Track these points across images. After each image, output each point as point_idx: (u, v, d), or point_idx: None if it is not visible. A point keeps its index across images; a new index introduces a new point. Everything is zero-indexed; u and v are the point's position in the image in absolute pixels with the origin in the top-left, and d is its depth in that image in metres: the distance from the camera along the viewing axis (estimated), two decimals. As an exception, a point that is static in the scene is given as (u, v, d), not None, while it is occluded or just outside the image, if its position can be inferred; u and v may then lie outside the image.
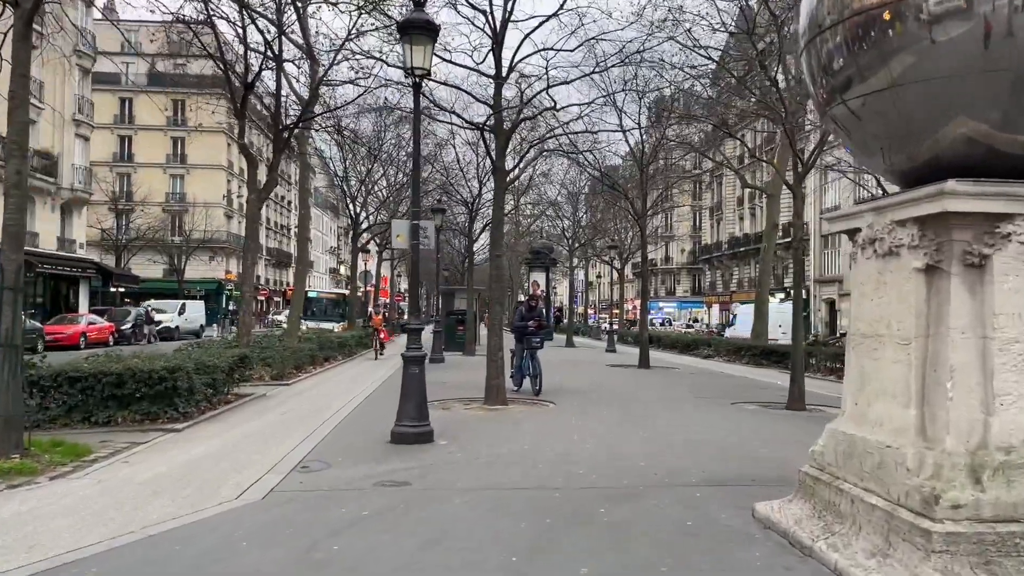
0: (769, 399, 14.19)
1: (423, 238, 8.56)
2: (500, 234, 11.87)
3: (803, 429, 10.06)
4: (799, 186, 12.66)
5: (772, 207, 27.40)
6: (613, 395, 13.80)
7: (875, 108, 4.45)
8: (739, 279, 62.89)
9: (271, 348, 17.98)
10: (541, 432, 9.25)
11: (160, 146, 64.31)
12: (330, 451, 7.92)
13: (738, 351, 26.11)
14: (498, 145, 11.72)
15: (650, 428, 9.72)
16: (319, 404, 12.12)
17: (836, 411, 13.29)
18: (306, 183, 22.10)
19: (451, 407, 11.84)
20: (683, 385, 16.56)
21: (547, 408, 11.83)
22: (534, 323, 13.73)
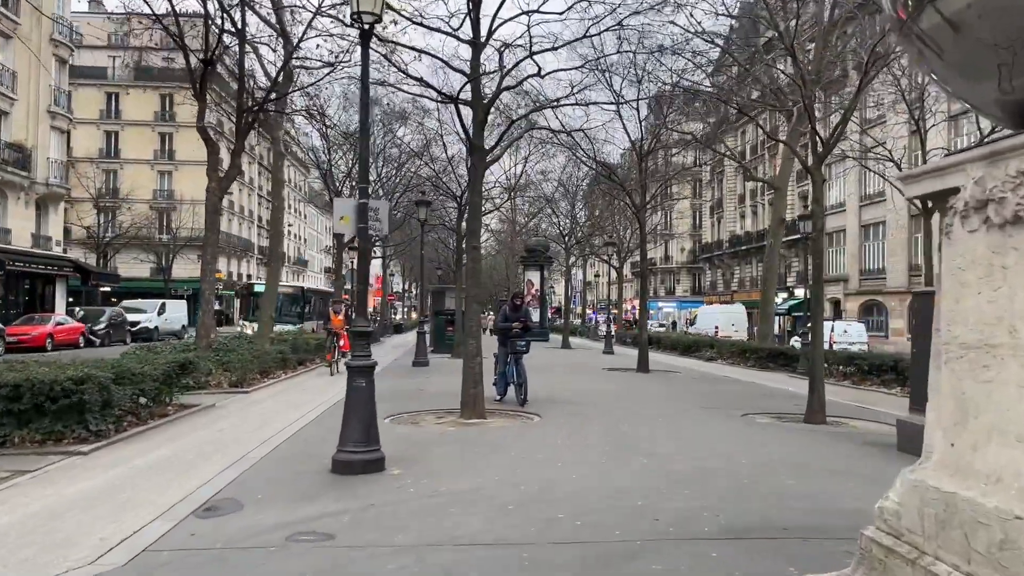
0: (782, 409, 12.65)
1: (373, 221, 6.99)
2: (477, 223, 10.33)
3: (832, 450, 8.52)
4: (819, 170, 11.12)
5: (779, 201, 25.86)
6: (608, 405, 12.25)
7: (994, 2, 2.92)
8: (740, 278, 61.38)
9: (236, 351, 16.47)
10: (520, 455, 7.70)
11: (147, 142, 62.74)
12: (252, 484, 6.37)
13: (743, 353, 24.58)
14: (475, 120, 10.18)
15: (649, 450, 8.16)
16: (269, 418, 10.57)
17: (861, 425, 11.83)
18: (280, 172, 20.56)
19: (422, 421, 10.30)
20: (686, 392, 15.01)
21: (531, 422, 10.28)
22: (519, 324, 12.20)
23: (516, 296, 12.60)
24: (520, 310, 12.45)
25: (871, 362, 17.47)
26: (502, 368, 12.44)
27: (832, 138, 11.05)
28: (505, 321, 12.42)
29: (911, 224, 39.78)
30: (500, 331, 12.59)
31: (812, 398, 11.05)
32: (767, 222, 56.17)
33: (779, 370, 22.20)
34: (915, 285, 39.01)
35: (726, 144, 30.77)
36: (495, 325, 14.11)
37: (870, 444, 9.05)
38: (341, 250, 30.94)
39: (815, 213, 11.16)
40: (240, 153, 15.72)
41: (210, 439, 8.70)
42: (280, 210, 20.25)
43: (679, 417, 11.05)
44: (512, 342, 12.18)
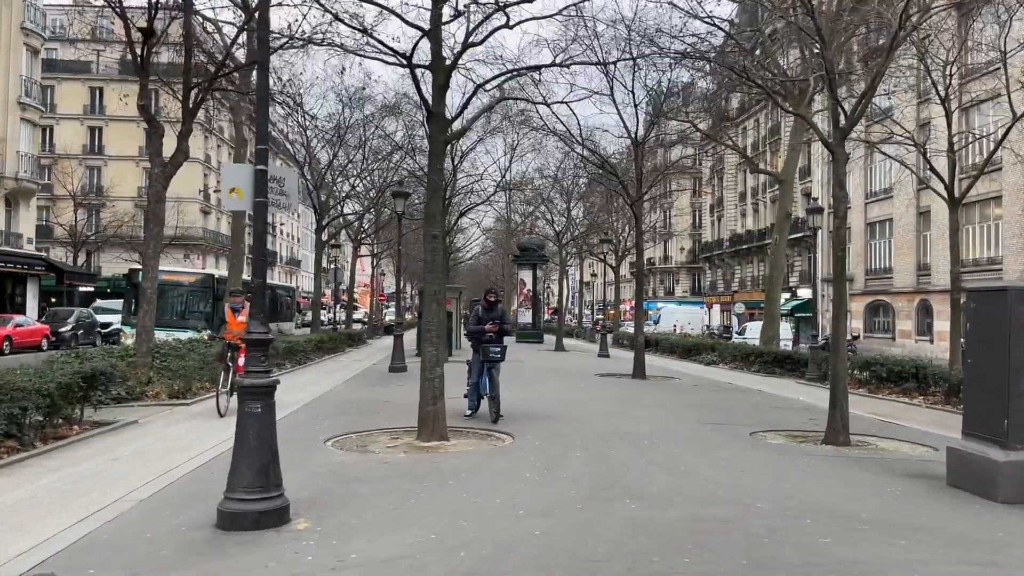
0: (796, 425, 11.00)
1: (277, 195, 5.32)
2: (438, 206, 8.66)
3: (869, 486, 6.84)
4: (841, 146, 9.45)
5: (784, 195, 24.23)
6: (594, 422, 10.57)
7: None
8: (741, 278, 59.71)
9: (187, 357, 14.81)
10: (474, 498, 6.03)
11: (132, 138, 60.84)
12: (98, 549, 4.70)
13: (747, 358, 22.90)
14: (435, 84, 8.52)
15: (639, 489, 6.49)
16: (191, 439, 8.89)
17: (891, 447, 9.26)
18: (241, 160, 18.84)
19: (371, 444, 8.64)
20: (685, 404, 13.33)
21: (500, 446, 8.60)
22: (491, 326, 10.54)
23: (490, 293, 10.93)
24: (495, 309, 10.79)
25: (890, 368, 15.81)
26: (475, 378, 10.78)
27: (857, 108, 9.38)
28: (477, 323, 10.77)
29: (919, 221, 38.17)
30: (472, 335, 10.94)
31: (834, 415, 9.38)
32: (769, 220, 54.50)
33: (786, 375, 20.54)
34: (924, 285, 37.38)
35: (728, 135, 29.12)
36: (466, 328, 12.44)
37: (912, 476, 7.38)
38: (320, 250, 29.30)
39: (838, 198, 9.49)
40: (187, 136, 14.06)
41: (95, 472, 7.02)
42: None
43: (677, 438, 9.37)
44: (485, 348, 10.52)
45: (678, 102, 23.64)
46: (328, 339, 26.90)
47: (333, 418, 10.53)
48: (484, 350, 10.54)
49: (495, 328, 10.54)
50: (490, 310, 10.75)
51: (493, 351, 10.46)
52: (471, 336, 11.00)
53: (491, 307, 10.77)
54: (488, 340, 10.57)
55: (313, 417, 10.60)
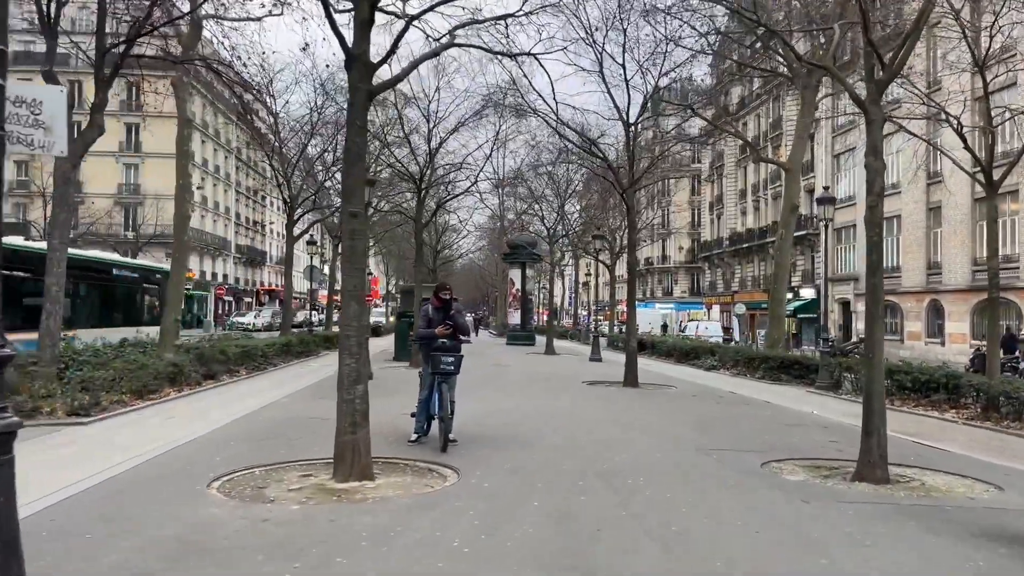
0: (816, 450, 9.03)
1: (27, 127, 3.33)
2: (357, 177, 6.64)
3: (941, 563, 4.83)
4: (877, 105, 7.47)
5: (790, 186, 22.29)
6: (568, 450, 8.56)
7: None
8: (741, 278, 57.74)
9: (110, 365, 12.83)
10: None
11: (112, 133, 58.68)
12: None
13: (750, 362, 20.92)
14: (357, 18, 6.54)
15: (617, 570, 4.49)
16: (46, 476, 6.88)
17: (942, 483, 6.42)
18: (185, 144, 16.84)
19: (272, 485, 6.64)
20: (682, 422, 11.33)
21: (435, 491, 6.55)
22: (442, 329, 8.57)
23: (442, 289, 8.92)
24: (448, 309, 8.81)
25: (916, 377, 13.82)
26: (425, 393, 8.79)
27: (899, 55, 7.39)
28: (426, 326, 8.79)
29: (929, 217, 36.25)
30: (422, 342, 8.97)
31: (869, 443, 7.40)
32: (771, 217, 52.55)
33: (793, 383, 18.56)
34: (934, 284, 35.41)
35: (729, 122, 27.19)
36: (415, 332, 10.45)
37: (993, 538, 5.38)
38: (291, 245, 27.31)
39: (873, 169, 7.48)
40: (102, 108, 12.07)
41: None
42: (187, 189, 16.55)
43: (670, 473, 7.36)
44: (435, 357, 8.53)
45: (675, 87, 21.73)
46: (298, 342, 24.89)
47: (248, 444, 8.54)
48: (434, 360, 8.55)
49: (446, 332, 8.55)
50: (442, 310, 8.77)
51: (445, 361, 8.46)
52: (420, 343, 9.03)
53: (443, 307, 8.79)
54: (439, 348, 8.59)
55: (224, 442, 8.61)
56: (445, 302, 8.81)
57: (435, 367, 8.51)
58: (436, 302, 8.75)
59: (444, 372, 8.49)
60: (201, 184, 62.97)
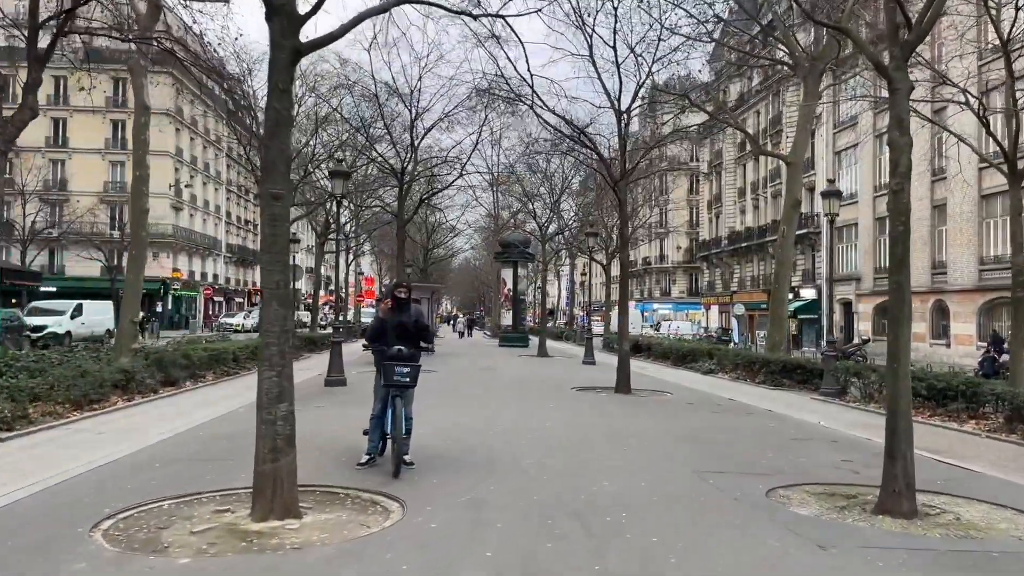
0: (826, 471, 7.90)
1: None
2: (280, 149, 5.47)
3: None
4: (903, 70, 6.33)
5: (793, 180, 21.18)
6: (543, 473, 7.40)
7: None
8: (741, 278, 56.62)
9: (49, 372, 11.70)
10: None
11: (98, 130, 57.76)
12: None
13: (750, 366, 19.77)
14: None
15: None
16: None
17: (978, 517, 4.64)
18: (142, 132, 15.64)
19: (175, 524, 5.48)
20: (676, 436, 10.18)
21: (369, 534, 5.32)
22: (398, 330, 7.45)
23: (399, 288, 7.75)
24: (406, 311, 7.64)
25: (931, 384, 12.65)
26: (378, 408, 7.63)
27: (926, 16, 6.25)
28: (378, 330, 7.64)
29: (934, 216, 35.13)
30: (374, 349, 7.81)
31: (892, 469, 6.26)
32: (770, 216, 51.40)
33: (796, 388, 17.43)
34: (939, 284, 34.28)
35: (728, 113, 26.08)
36: (366, 336, 9.23)
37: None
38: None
39: (897, 147, 6.34)
40: (35, 88, 10.88)
41: None
42: (144, 181, 15.37)
43: (659, 507, 6.21)
44: (388, 367, 7.37)
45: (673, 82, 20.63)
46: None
47: (175, 466, 7.41)
48: (386, 370, 7.38)
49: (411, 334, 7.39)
50: (398, 311, 7.60)
51: (399, 372, 7.29)
52: (373, 351, 7.87)
53: (400, 308, 7.62)
54: (394, 356, 7.42)
55: (146, 465, 7.46)
56: (402, 303, 7.65)
57: (387, 379, 7.34)
58: (391, 303, 7.59)
59: (398, 384, 7.34)
60: (190, 182, 61.82)
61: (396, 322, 7.47)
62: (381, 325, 7.61)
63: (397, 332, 7.45)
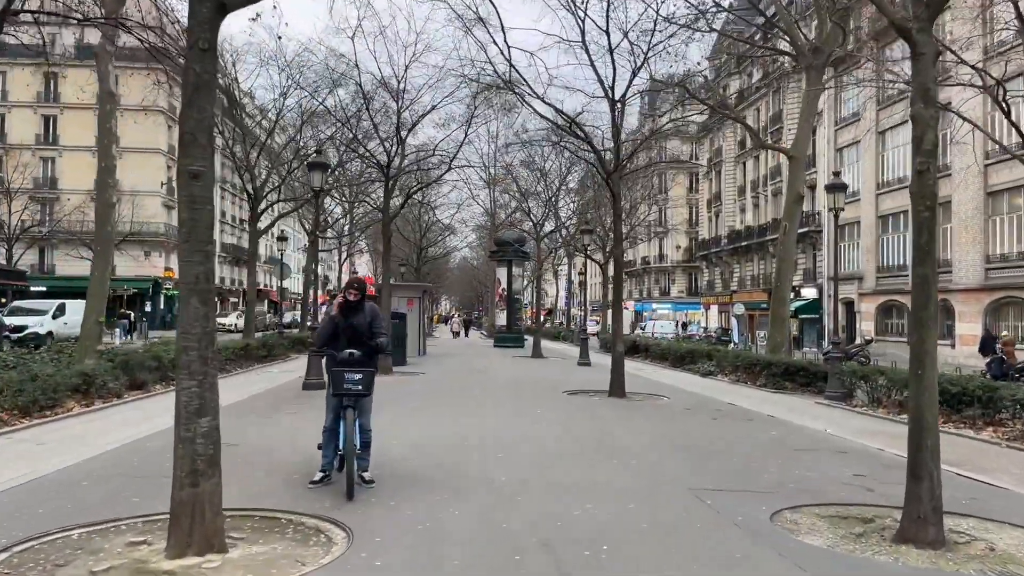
0: (837, 488, 7.07)
1: None
2: (201, 118, 4.62)
3: None
4: (927, 32, 5.51)
5: (795, 174, 20.33)
6: (519, 497, 6.56)
7: None
8: (741, 277, 55.79)
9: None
10: None
11: (89, 127, 56.66)
12: None
13: (751, 368, 18.94)
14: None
15: None
16: None
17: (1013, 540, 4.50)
18: (108, 121, 14.79)
19: (85, 557, 4.67)
20: (671, 446, 9.36)
21: (303, 574, 4.58)
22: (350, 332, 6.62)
23: (353, 285, 6.89)
24: (359, 311, 6.77)
25: (945, 388, 11.76)
26: (330, 419, 6.77)
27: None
28: (329, 332, 6.78)
29: (938, 213, 34.28)
30: (319, 352, 6.94)
31: (917, 491, 5.44)
32: (770, 215, 50.57)
33: (799, 391, 16.63)
34: (944, 283, 33.44)
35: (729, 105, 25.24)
36: (314, 339, 8.29)
37: None
38: (255, 242, 25.30)
39: (922, 121, 5.51)
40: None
41: None
42: (110, 172, 14.50)
43: (647, 540, 5.37)
44: (337, 375, 6.53)
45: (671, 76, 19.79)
46: (260, 345, 22.87)
47: (104, 486, 6.60)
48: (335, 378, 6.53)
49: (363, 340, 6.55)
50: (351, 312, 6.74)
51: (350, 379, 6.44)
52: (324, 356, 7.00)
53: (352, 308, 6.75)
54: (345, 362, 6.58)
55: (73, 483, 6.64)
56: (354, 304, 6.74)
57: (336, 387, 6.48)
58: (342, 302, 6.72)
59: (351, 393, 6.48)
60: (182, 180, 60.89)
61: (348, 324, 6.61)
62: (332, 327, 6.75)
63: (349, 335, 6.60)
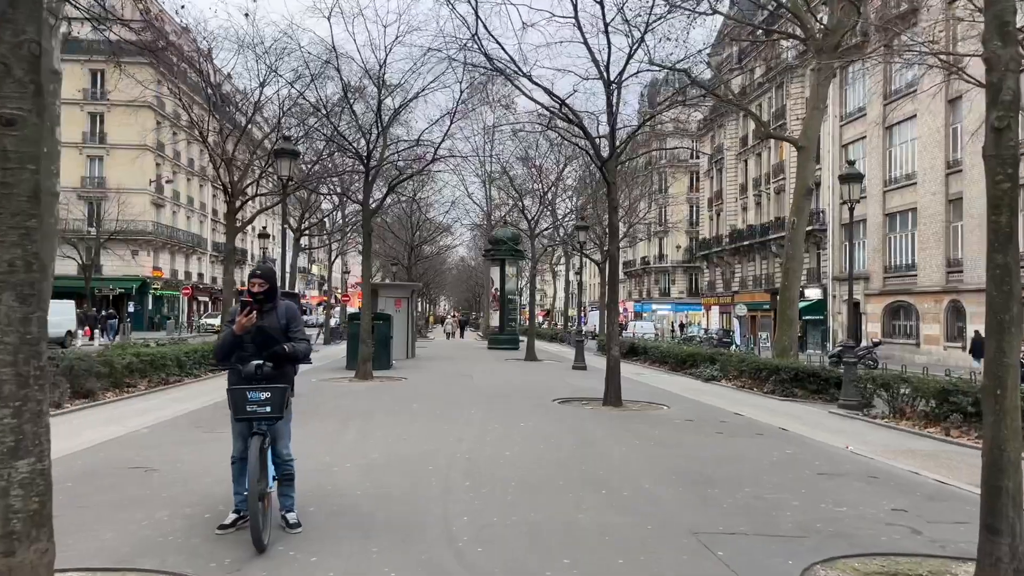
0: (873, 528, 5.74)
1: None
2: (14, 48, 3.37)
3: None
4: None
5: (804, 166, 19.06)
6: (476, 548, 5.22)
7: None
8: (742, 277, 54.48)
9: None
10: None
11: (76, 123, 55.60)
12: None
13: (757, 373, 17.62)
14: None
15: None
16: None
17: None
18: (51, 100, 13.32)
19: None
20: (672, 471, 8.03)
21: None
22: (244, 321, 5.13)
23: (257, 274, 5.36)
24: (271, 310, 5.36)
25: (979, 397, 10.48)
26: (238, 449, 5.30)
27: None
28: (227, 344, 5.27)
29: (949, 210, 33.02)
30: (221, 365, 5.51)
31: (996, 548, 4.12)
32: (772, 214, 49.25)
33: (810, 399, 15.33)
34: (954, 283, 32.17)
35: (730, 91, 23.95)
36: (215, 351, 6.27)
37: None
38: (233, 237, 23.87)
39: (999, 60, 4.20)
40: None
41: None
42: (50, 159, 13.04)
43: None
44: (236, 393, 5.11)
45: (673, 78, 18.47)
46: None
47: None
48: (235, 398, 5.08)
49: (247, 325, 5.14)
50: (261, 311, 5.32)
51: (253, 398, 5.02)
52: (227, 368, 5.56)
53: (255, 309, 5.32)
54: (251, 377, 5.18)
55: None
56: (257, 303, 5.22)
57: (237, 410, 5.04)
58: (248, 298, 5.30)
59: (254, 418, 5.08)
60: (171, 178, 59.63)
61: (255, 328, 5.22)
62: (229, 340, 5.24)
63: (258, 341, 5.21)
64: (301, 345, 5.30)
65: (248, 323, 5.08)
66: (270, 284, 5.35)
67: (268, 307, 5.31)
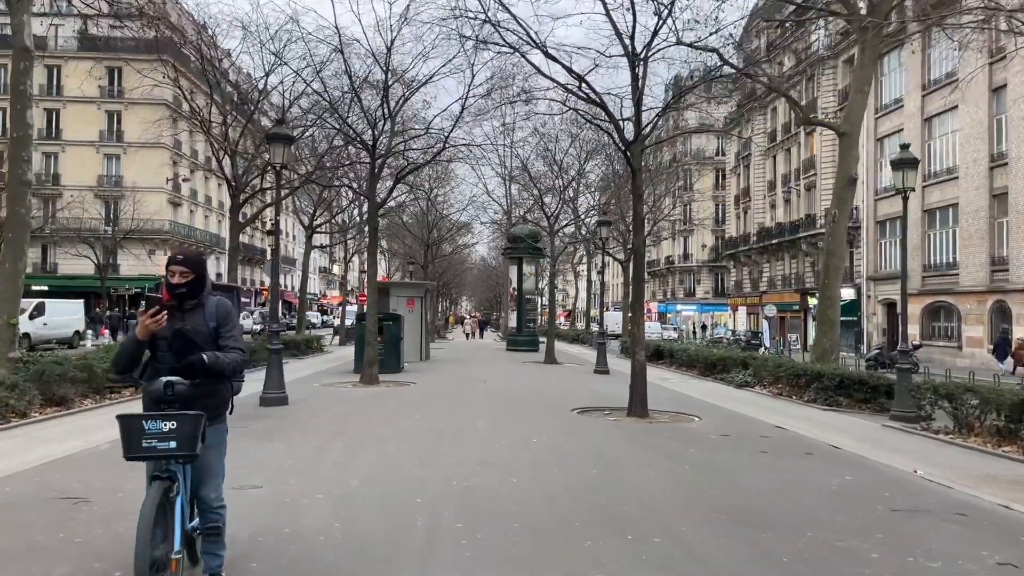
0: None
1: None
2: None
3: None
4: None
5: (847, 154, 17.55)
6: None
7: None
8: (771, 277, 52.63)
9: None
10: None
11: (93, 121, 55.28)
12: None
13: (795, 379, 16.12)
14: None
15: None
16: None
17: None
18: (22, 81, 12.16)
19: None
20: (708, 508, 6.63)
21: None
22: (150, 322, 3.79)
23: (177, 259, 4.03)
24: (197, 308, 4.06)
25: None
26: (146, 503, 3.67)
27: None
28: (128, 352, 4.00)
29: (993, 206, 31.15)
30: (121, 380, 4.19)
31: None
32: (802, 211, 47.41)
33: (856, 409, 13.84)
34: (999, 283, 30.30)
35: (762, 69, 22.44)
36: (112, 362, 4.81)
37: None
38: (236, 234, 22.81)
39: None
40: None
41: None
42: (25, 144, 11.92)
43: None
44: (131, 425, 3.71)
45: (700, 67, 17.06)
46: (239, 350, 20.30)
47: None
48: (127, 429, 3.74)
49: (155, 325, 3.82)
50: (177, 312, 4.02)
51: (154, 432, 3.67)
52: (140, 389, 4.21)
53: (181, 301, 4.05)
54: (160, 398, 3.85)
55: None
56: (180, 296, 4.00)
57: (131, 448, 3.74)
58: (164, 295, 4.02)
59: (153, 456, 3.76)
60: (188, 176, 59.00)
61: (172, 331, 3.95)
62: (130, 348, 4.00)
63: (177, 348, 3.93)
64: (231, 355, 3.98)
65: (154, 326, 3.80)
66: (195, 274, 4.06)
67: (192, 304, 4.04)
